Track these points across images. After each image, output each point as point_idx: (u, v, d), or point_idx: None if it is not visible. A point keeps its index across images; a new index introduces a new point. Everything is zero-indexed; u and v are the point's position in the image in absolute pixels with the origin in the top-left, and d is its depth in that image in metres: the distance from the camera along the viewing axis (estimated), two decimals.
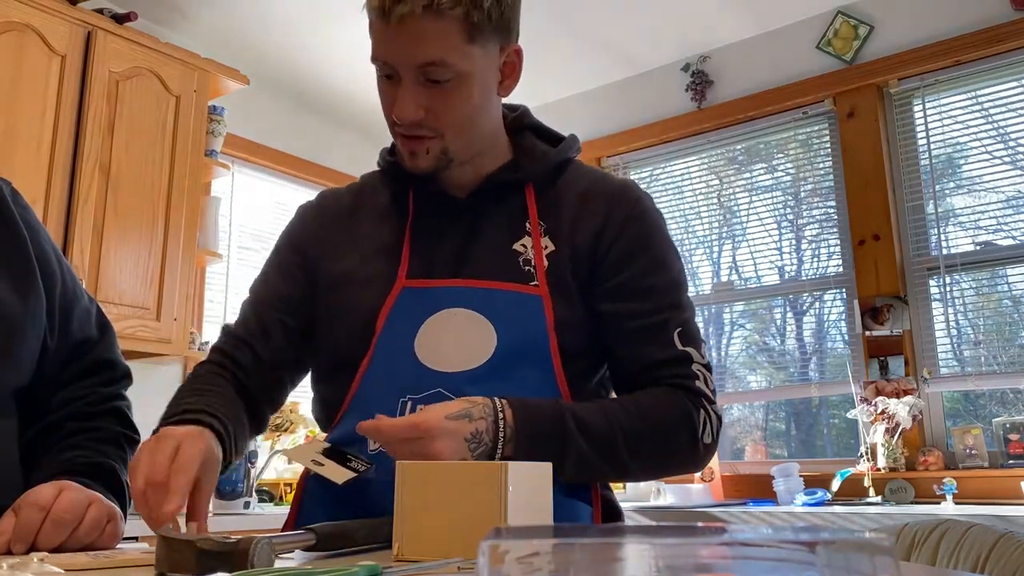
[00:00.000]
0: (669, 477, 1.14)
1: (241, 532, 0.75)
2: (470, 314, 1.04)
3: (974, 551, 1.11)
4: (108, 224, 2.88)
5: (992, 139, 3.20)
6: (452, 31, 0.97)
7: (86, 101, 2.88)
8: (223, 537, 0.68)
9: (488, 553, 0.32)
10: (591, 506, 1.05)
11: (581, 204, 1.10)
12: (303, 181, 4.09)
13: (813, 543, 0.30)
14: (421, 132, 1.03)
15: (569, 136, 1.19)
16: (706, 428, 1.04)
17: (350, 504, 1.01)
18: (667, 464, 1.06)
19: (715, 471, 3.35)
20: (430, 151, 1.05)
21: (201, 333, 3.43)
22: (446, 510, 0.75)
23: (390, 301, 1.07)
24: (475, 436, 0.92)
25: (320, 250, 1.17)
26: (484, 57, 1.02)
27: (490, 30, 1.00)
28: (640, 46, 3.80)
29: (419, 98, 1.01)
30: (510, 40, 1.06)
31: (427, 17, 0.96)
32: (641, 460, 1.02)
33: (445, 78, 0.99)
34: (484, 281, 1.06)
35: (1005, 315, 3.15)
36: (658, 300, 1.08)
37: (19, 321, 1.07)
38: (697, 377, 1.06)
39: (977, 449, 2.97)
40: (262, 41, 3.64)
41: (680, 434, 1.03)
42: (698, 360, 1.07)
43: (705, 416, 1.04)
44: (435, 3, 0.95)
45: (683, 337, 1.07)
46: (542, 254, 1.07)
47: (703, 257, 3.88)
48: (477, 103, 1.03)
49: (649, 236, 1.11)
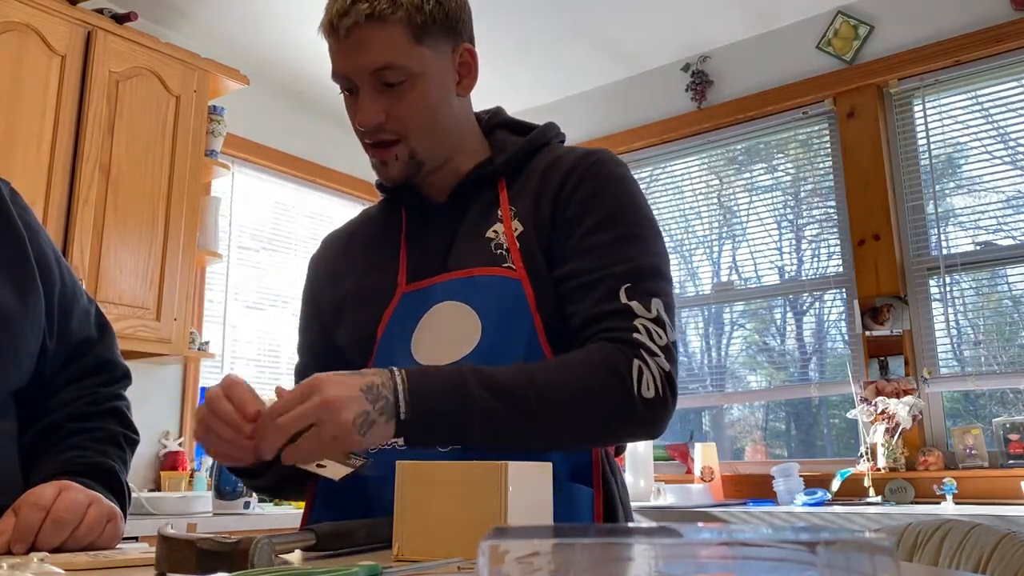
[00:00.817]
0: (609, 438, 1.02)
1: (241, 532, 0.75)
2: (454, 305, 1.07)
3: (976, 551, 1.11)
4: (108, 224, 2.88)
5: (992, 139, 3.20)
6: (396, 34, 1.03)
7: (86, 101, 2.88)
8: (223, 537, 0.68)
9: (488, 553, 0.32)
10: (592, 488, 1.05)
11: (542, 179, 1.12)
12: (303, 181, 4.09)
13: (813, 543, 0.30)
14: (384, 136, 1.08)
15: (544, 124, 1.21)
16: (644, 379, 0.97)
17: (362, 506, 1.01)
18: (595, 421, 0.98)
19: (715, 471, 3.35)
20: (399, 157, 1.09)
21: (201, 333, 3.43)
22: (446, 510, 0.75)
23: (390, 308, 1.11)
24: (370, 388, 0.89)
25: (324, 290, 1.23)
26: (435, 57, 1.07)
27: (436, 31, 1.06)
28: (640, 46, 3.80)
29: (377, 103, 1.06)
30: (460, 40, 1.11)
31: (371, 25, 1.03)
32: (559, 415, 0.96)
33: (398, 80, 1.05)
34: (463, 271, 1.08)
35: (1005, 315, 3.15)
36: (603, 256, 1.04)
37: (19, 321, 1.07)
38: (637, 330, 0.99)
39: (977, 449, 2.97)
40: (262, 41, 3.64)
41: (606, 385, 0.96)
42: (643, 314, 1.00)
43: (642, 367, 0.97)
44: (376, 11, 1.02)
45: (630, 292, 1.02)
46: (512, 236, 1.08)
47: (703, 257, 3.88)
48: (434, 102, 1.08)
49: (598, 194, 1.08)
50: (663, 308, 1.02)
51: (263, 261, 3.90)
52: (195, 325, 3.39)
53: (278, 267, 3.95)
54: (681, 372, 3.91)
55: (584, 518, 1.03)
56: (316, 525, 0.82)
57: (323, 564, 0.72)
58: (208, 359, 3.45)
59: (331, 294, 1.21)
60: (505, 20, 3.37)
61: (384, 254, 1.17)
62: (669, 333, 1.02)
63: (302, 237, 4.05)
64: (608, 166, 1.11)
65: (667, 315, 1.02)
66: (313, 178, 4.11)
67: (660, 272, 1.05)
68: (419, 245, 1.15)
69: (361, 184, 4.27)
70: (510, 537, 0.33)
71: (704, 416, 3.90)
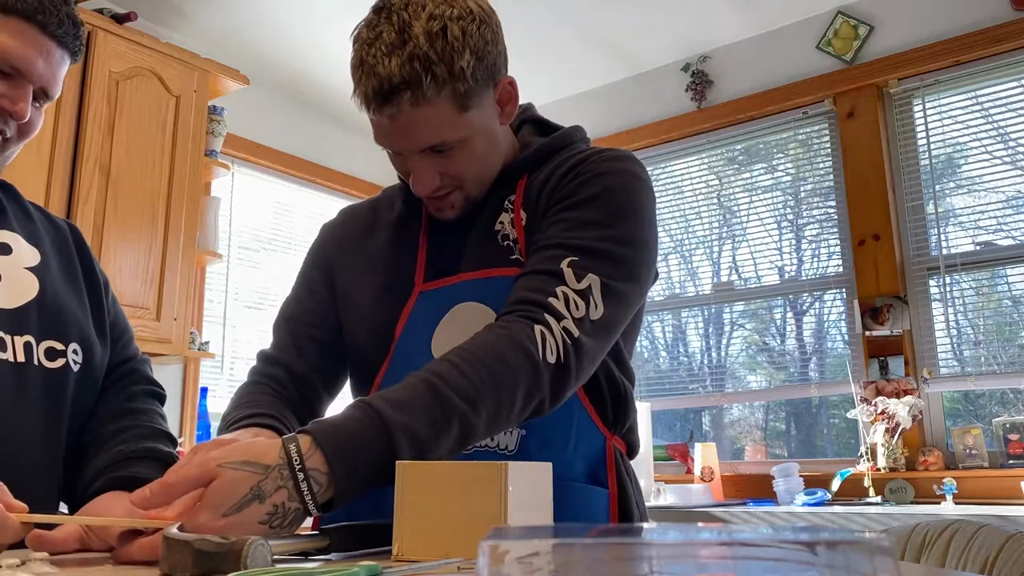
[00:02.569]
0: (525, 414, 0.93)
1: None
2: (475, 306, 1.06)
3: (983, 551, 1.11)
4: (108, 224, 2.88)
5: (992, 139, 3.20)
6: (443, 111, 0.98)
7: (86, 101, 2.88)
8: (222, 538, 0.68)
9: (488, 553, 0.32)
10: (607, 489, 1.05)
11: (551, 175, 1.11)
12: (303, 181, 4.09)
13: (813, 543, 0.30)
14: (442, 192, 1.06)
15: (570, 126, 1.19)
16: (547, 344, 0.91)
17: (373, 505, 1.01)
18: (510, 399, 0.90)
19: (715, 471, 3.35)
20: (455, 204, 1.08)
21: (201, 333, 3.43)
22: (446, 510, 0.74)
23: (409, 306, 1.09)
24: (274, 513, 0.77)
25: (342, 266, 1.20)
26: (480, 113, 1.03)
27: (479, 89, 1.00)
28: (640, 46, 3.80)
29: (431, 169, 1.03)
30: (500, 76, 1.05)
31: (416, 110, 0.97)
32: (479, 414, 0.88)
33: (449, 147, 1.02)
34: (481, 271, 1.07)
35: (1005, 315, 3.15)
36: (567, 228, 1.00)
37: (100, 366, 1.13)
38: (555, 295, 0.93)
39: (977, 449, 2.97)
40: (262, 41, 3.64)
41: (510, 357, 0.89)
42: (571, 284, 0.94)
43: (544, 331, 0.91)
44: (420, 95, 0.95)
45: (573, 264, 0.96)
46: (521, 226, 1.08)
47: (703, 257, 3.88)
48: (484, 152, 1.06)
49: (595, 179, 1.04)
50: (598, 287, 0.95)
51: (263, 261, 3.91)
52: (195, 325, 3.39)
53: (278, 267, 3.95)
54: (681, 372, 3.92)
55: (600, 519, 1.03)
56: (331, 527, 0.82)
57: (323, 564, 0.72)
58: (208, 359, 3.46)
59: (346, 271, 1.19)
60: (505, 21, 3.36)
61: (404, 248, 1.15)
62: (592, 311, 0.94)
63: (302, 237, 4.05)
64: (620, 162, 1.07)
65: (600, 295, 0.95)
66: (313, 178, 4.11)
67: (617, 261, 0.99)
68: (438, 243, 1.13)
69: (361, 184, 4.27)
70: (510, 537, 0.33)
71: (704, 416, 3.90)
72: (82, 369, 1.08)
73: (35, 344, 1.03)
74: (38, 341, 1.04)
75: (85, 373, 1.09)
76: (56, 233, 1.18)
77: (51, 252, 1.13)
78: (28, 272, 1.07)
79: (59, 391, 1.05)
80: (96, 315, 1.15)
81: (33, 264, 1.09)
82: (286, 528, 0.77)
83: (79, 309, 1.12)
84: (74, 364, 1.07)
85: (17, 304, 1.04)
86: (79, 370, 1.08)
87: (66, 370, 1.06)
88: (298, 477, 0.77)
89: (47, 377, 1.04)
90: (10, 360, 1.00)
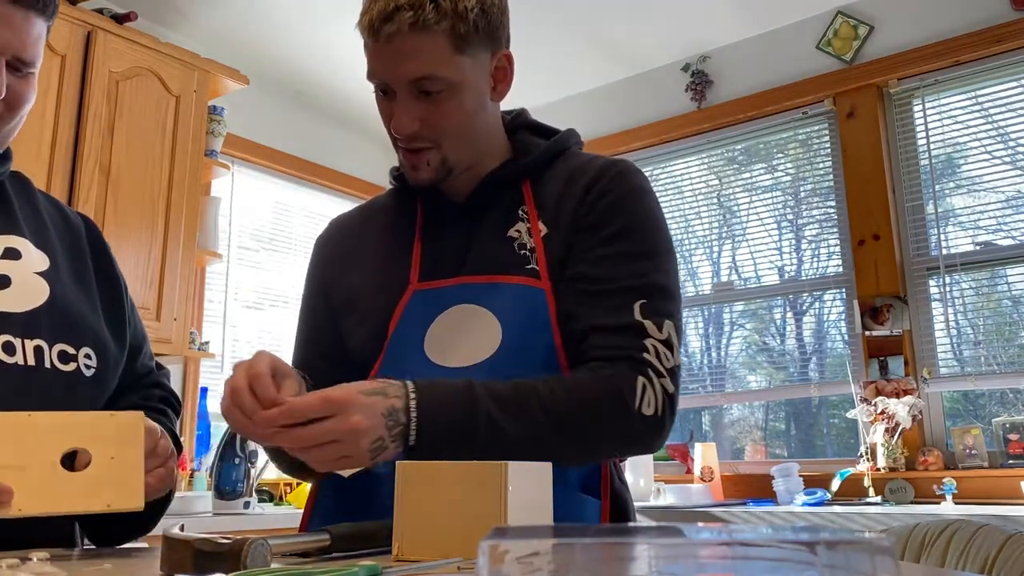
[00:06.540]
0: (607, 456, 1.05)
1: (241, 532, 0.75)
2: (475, 309, 1.06)
3: (983, 551, 1.11)
4: (108, 224, 2.88)
5: (992, 139, 3.20)
6: (440, 44, 1.01)
7: (86, 101, 2.88)
8: (222, 538, 0.68)
9: (488, 553, 0.32)
10: (599, 500, 1.05)
11: (566, 186, 1.11)
12: (303, 181, 4.09)
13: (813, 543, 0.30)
14: (419, 144, 1.06)
15: (566, 130, 1.20)
16: (646, 397, 0.98)
17: (364, 504, 1.01)
18: (595, 435, 0.98)
19: (715, 471, 3.35)
20: (430, 163, 1.08)
21: (201, 333, 3.43)
22: (446, 510, 0.74)
23: (402, 304, 1.09)
24: (391, 413, 0.89)
25: (335, 274, 1.21)
26: (474, 66, 1.05)
27: (477, 40, 1.03)
28: (640, 46, 3.80)
29: (414, 111, 1.04)
30: (499, 47, 1.08)
31: (414, 33, 0.99)
32: (563, 436, 0.96)
33: (437, 89, 1.03)
34: (486, 276, 1.07)
35: (1005, 315, 3.15)
36: (616, 266, 1.04)
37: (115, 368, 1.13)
38: (647, 350, 1.00)
39: (977, 449, 2.97)
40: (262, 41, 3.64)
41: (607, 409, 0.97)
42: (655, 335, 1.01)
43: (646, 384, 0.98)
44: (421, 19, 0.99)
45: (645, 310, 1.01)
46: (539, 236, 1.08)
47: (703, 257, 3.88)
48: (470, 110, 1.06)
49: (621, 205, 1.07)
50: (674, 331, 1.03)
51: (263, 261, 3.91)
52: (195, 325, 3.39)
53: (278, 267, 3.95)
54: (681, 372, 3.91)
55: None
56: (332, 527, 0.82)
57: (323, 564, 0.72)
58: (208, 359, 3.45)
59: (341, 280, 1.19)
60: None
61: (397, 247, 1.16)
62: (676, 356, 1.02)
63: (302, 237, 4.05)
64: (633, 178, 1.11)
65: (676, 338, 1.03)
66: (313, 178, 4.10)
67: (672, 293, 1.05)
68: (435, 242, 1.13)
69: (361, 184, 4.27)
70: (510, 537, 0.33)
71: (704, 416, 3.90)
72: (96, 373, 1.08)
73: (46, 348, 1.03)
74: (50, 345, 1.04)
75: (98, 376, 1.08)
76: (69, 232, 1.17)
77: (61, 255, 1.13)
78: (38, 277, 1.07)
79: (70, 394, 1.04)
80: (111, 317, 1.14)
81: (43, 269, 1.09)
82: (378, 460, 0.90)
83: (91, 313, 1.11)
84: (86, 368, 1.06)
85: (27, 308, 1.03)
86: (92, 374, 1.07)
87: (77, 374, 1.05)
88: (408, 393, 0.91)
89: (59, 380, 1.03)
90: (20, 364, 1.00)
